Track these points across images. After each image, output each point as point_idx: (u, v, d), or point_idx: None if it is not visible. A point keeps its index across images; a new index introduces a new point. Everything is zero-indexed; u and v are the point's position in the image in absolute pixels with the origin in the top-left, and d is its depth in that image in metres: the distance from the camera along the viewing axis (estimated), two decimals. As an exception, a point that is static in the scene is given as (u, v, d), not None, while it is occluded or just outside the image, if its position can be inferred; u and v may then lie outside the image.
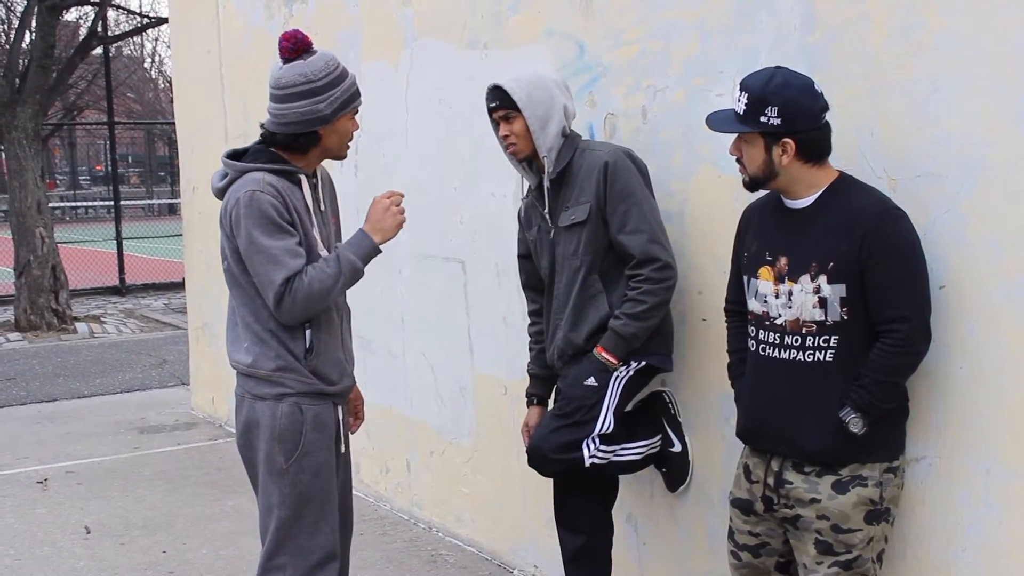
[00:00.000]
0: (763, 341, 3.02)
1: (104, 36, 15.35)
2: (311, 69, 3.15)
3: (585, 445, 3.57)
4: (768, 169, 2.92)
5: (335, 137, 3.25)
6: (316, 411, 3.27)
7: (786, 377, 2.96)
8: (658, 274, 3.53)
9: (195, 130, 8.09)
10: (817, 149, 2.91)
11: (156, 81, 38.16)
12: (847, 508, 2.88)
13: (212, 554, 5.21)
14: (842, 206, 2.88)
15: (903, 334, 2.81)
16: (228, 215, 3.19)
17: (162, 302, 15.62)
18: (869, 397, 2.83)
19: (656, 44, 3.83)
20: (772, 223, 3.04)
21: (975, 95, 2.83)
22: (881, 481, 2.90)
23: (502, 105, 3.62)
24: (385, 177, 5.52)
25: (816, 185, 2.93)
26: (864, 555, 2.90)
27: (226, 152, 3.30)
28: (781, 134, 2.86)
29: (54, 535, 5.55)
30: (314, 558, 3.28)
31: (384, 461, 5.80)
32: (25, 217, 12.64)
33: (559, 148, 3.63)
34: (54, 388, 9.46)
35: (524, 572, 4.79)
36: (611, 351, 3.57)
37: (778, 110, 2.84)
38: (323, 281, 3.15)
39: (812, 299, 2.88)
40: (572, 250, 3.65)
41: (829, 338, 2.88)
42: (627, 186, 3.57)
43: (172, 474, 6.63)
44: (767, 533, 3.09)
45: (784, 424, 2.97)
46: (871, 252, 2.80)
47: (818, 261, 2.87)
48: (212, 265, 7.72)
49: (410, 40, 5.25)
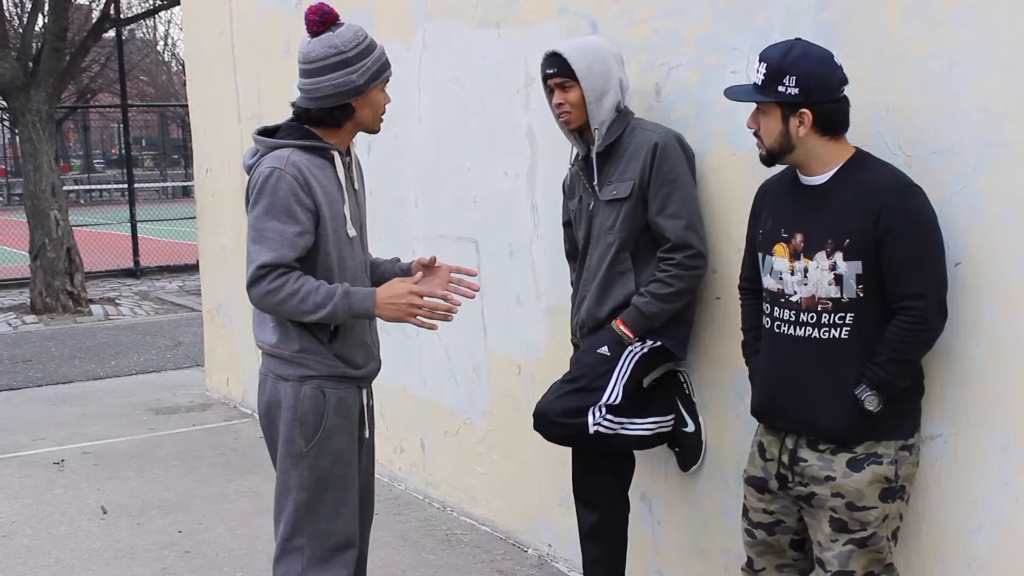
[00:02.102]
0: (778, 318, 3.01)
1: (117, 19, 15.38)
2: (341, 40, 3.11)
3: (591, 412, 3.57)
4: (785, 141, 2.91)
5: (368, 110, 3.21)
6: (340, 395, 3.24)
7: (801, 354, 2.95)
8: (690, 261, 3.53)
9: (208, 112, 8.09)
10: (834, 122, 2.90)
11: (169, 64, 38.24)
12: (862, 486, 2.88)
13: (228, 534, 5.24)
14: (859, 182, 2.87)
15: (919, 311, 2.80)
16: (249, 191, 3.18)
17: (176, 284, 15.68)
18: (885, 375, 2.82)
19: (669, 22, 3.81)
20: (788, 200, 3.03)
21: (991, 71, 2.81)
22: (896, 459, 2.90)
23: (560, 72, 3.59)
24: (398, 157, 5.52)
25: (832, 161, 2.92)
26: (879, 533, 2.89)
27: (257, 129, 3.28)
28: (799, 104, 2.85)
29: (71, 515, 5.58)
30: (332, 542, 3.27)
31: (398, 441, 5.82)
32: (40, 200, 12.68)
33: (611, 122, 3.62)
34: (70, 370, 9.51)
35: (538, 551, 4.80)
36: (629, 325, 3.58)
37: (796, 80, 2.84)
38: (304, 301, 3.07)
39: (828, 276, 2.87)
40: (609, 225, 3.65)
41: (845, 315, 2.87)
42: (673, 169, 3.56)
43: (187, 455, 6.66)
44: (781, 511, 3.08)
45: (799, 402, 2.96)
46: (888, 229, 2.78)
47: (834, 238, 2.85)
48: (226, 247, 7.75)
49: (422, 20, 5.24)
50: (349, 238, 3.24)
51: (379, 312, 3.13)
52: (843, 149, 2.93)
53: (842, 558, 2.90)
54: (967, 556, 2.98)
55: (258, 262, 3.07)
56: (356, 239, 3.29)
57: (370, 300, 3.13)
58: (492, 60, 4.72)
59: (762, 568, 3.19)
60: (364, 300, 3.12)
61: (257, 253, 3.08)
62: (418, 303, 3.14)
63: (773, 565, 3.17)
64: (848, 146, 2.95)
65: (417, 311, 3.14)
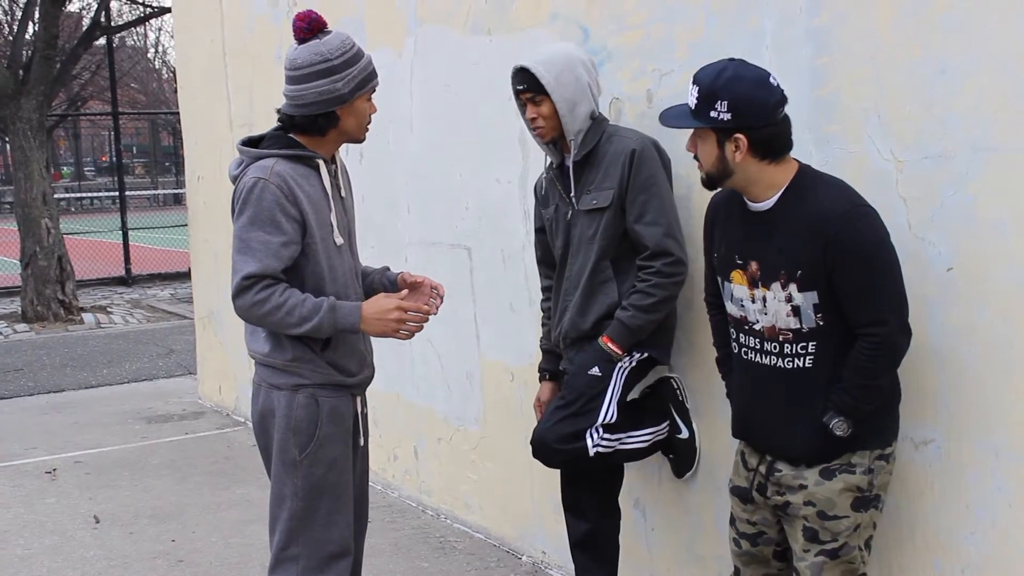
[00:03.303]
0: (745, 345, 2.98)
1: (107, 26, 15.36)
2: (327, 48, 3.11)
3: (588, 435, 3.56)
4: (722, 166, 2.82)
5: (353, 119, 3.20)
6: (333, 403, 3.23)
7: (770, 383, 2.92)
8: (669, 268, 3.52)
9: (199, 120, 8.08)
10: (773, 146, 2.80)
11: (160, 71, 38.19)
12: (833, 495, 2.85)
13: (221, 542, 5.23)
14: (803, 208, 2.78)
15: (880, 338, 2.74)
16: (234, 201, 3.18)
17: (168, 292, 15.63)
18: (852, 401, 2.78)
19: (661, 28, 3.81)
20: (738, 224, 2.95)
21: (982, 75, 2.82)
22: (872, 468, 2.86)
23: (529, 87, 3.58)
24: (390, 164, 5.52)
25: (775, 184, 2.83)
26: (851, 543, 2.87)
27: (241, 139, 3.27)
28: (732, 129, 2.77)
29: (63, 525, 5.56)
30: (327, 550, 3.26)
31: (392, 448, 5.81)
32: (31, 208, 12.65)
33: (586, 131, 3.60)
34: (62, 379, 9.48)
35: (532, 558, 4.79)
36: (616, 341, 3.56)
37: (728, 104, 2.74)
38: (290, 314, 3.06)
39: (785, 307, 2.82)
40: (590, 234, 3.63)
41: (807, 345, 2.83)
42: (651, 176, 3.55)
43: (180, 463, 6.64)
44: (763, 522, 3.07)
45: (773, 429, 2.94)
46: (836, 257, 2.72)
47: (786, 269, 2.79)
48: (218, 254, 7.73)
49: (414, 27, 5.24)
50: (337, 246, 3.23)
51: (364, 327, 3.14)
52: (785, 170, 2.84)
53: (815, 569, 2.89)
54: (961, 560, 2.98)
55: (243, 272, 3.06)
56: (345, 246, 3.28)
57: (355, 315, 3.13)
58: (484, 66, 4.72)
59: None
60: (350, 315, 3.13)
61: (242, 264, 3.07)
62: (404, 319, 3.15)
63: (759, 574, 3.15)
64: (791, 165, 2.85)
65: (402, 326, 3.15)
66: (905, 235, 3.01)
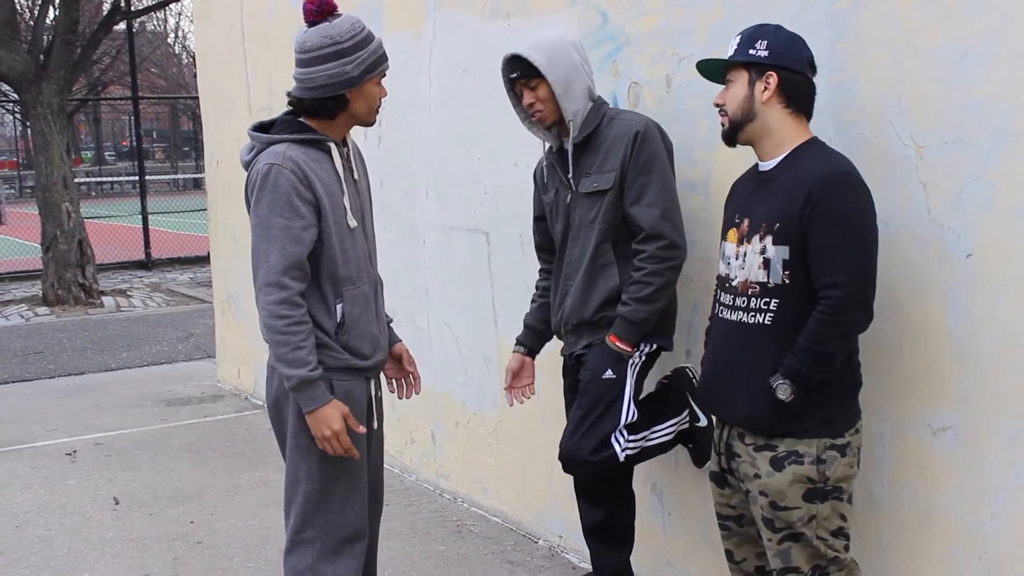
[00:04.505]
0: (721, 303, 3.03)
1: (127, 11, 15.40)
2: (337, 31, 3.10)
3: (615, 440, 3.54)
4: (748, 107, 2.92)
5: (363, 102, 3.19)
6: (347, 387, 3.23)
7: (731, 340, 2.96)
8: (663, 252, 3.48)
9: (219, 104, 8.10)
10: (798, 96, 2.92)
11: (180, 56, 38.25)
12: (783, 486, 2.86)
13: (240, 524, 5.26)
14: (797, 168, 2.87)
15: (834, 301, 2.76)
16: (248, 189, 3.19)
17: (187, 276, 15.72)
18: (798, 364, 2.80)
19: (680, 12, 3.80)
20: (746, 188, 3.06)
21: (1004, 60, 2.80)
22: (823, 458, 2.85)
23: (524, 74, 3.57)
24: (408, 149, 5.52)
25: (786, 141, 2.92)
26: (807, 533, 2.87)
27: (253, 125, 3.28)
28: (766, 67, 2.88)
29: (83, 506, 5.61)
30: (342, 534, 3.27)
31: (409, 432, 5.83)
32: (51, 192, 12.72)
33: (585, 112, 3.59)
34: (82, 361, 9.54)
35: (549, 542, 4.80)
36: (623, 339, 3.54)
37: (767, 44, 2.91)
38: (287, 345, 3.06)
39: (758, 260, 2.87)
40: (591, 218, 3.61)
41: (770, 301, 2.86)
42: (651, 159, 3.52)
43: (199, 446, 6.68)
44: (741, 505, 3.09)
45: (726, 387, 2.98)
46: (812, 216, 2.77)
47: (768, 222, 2.86)
48: (237, 239, 7.76)
49: (432, 11, 5.23)
50: (350, 229, 3.22)
51: (309, 417, 3.12)
52: (800, 132, 2.94)
53: (783, 556, 2.91)
54: (978, 547, 2.97)
55: (271, 260, 3.06)
56: (358, 229, 3.27)
57: (314, 404, 3.10)
58: (502, 51, 4.70)
59: (743, 559, 3.19)
60: (312, 399, 3.10)
61: (266, 253, 3.08)
62: (332, 442, 3.12)
63: (753, 554, 3.16)
64: (807, 132, 2.95)
65: (327, 445, 3.14)
66: (924, 221, 2.99)
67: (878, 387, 3.16)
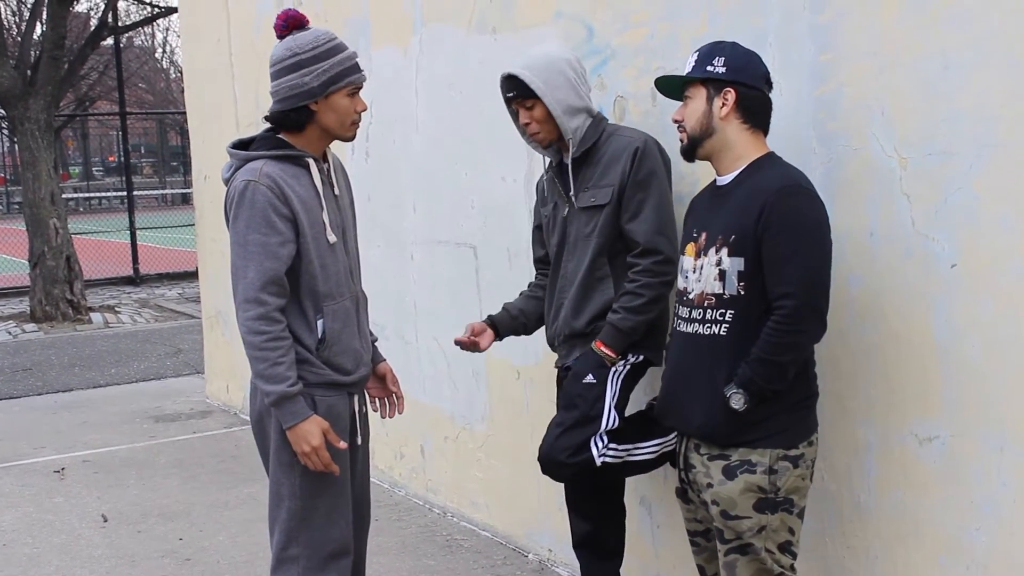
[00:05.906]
0: (679, 316, 3.06)
1: (115, 26, 15.41)
2: (298, 43, 3.11)
3: (593, 443, 3.52)
4: (707, 123, 2.95)
5: (332, 115, 3.16)
6: (330, 402, 3.22)
7: (688, 351, 2.99)
8: (657, 267, 3.49)
9: (206, 119, 8.10)
10: (755, 112, 2.96)
11: (167, 71, 38.23)
12: (734, 494, 2.88)
13: (228, 541, 5.24)
14: (753, 181, 2.90)
15: (787, 311, 2.79)
16: (227, 205, 3.20)
17: (176, 291, 15.68)
18: (751, 373, 2.82)
19: (665, 26, 3.82)
20: (704, 203, 3.10)
21: (986, 71, 2.81)
22: (775, 468, 2.87)
23: (520, 94, 3.57)
24: (396, 163, 5.53)
25: (743, 156, 2.96)
26: (756, 544, 2.88)
27: (232, 142, 3.29)
28: (724, 83, 2.92)
29: (71, 523, 5.58)
30: (327, 550, 3.25)
31: (398, 447, 5.82)
32: (39, 208, 12.69)
33: (584, 129, 3.60)
34: (70, 378, 9.51)
35: (539, 556, 4.80)
36: (609, 345, 3.54)
37: (724, 60, 2.94)
38: (266, 361, 3.07)
39: (714, 271, 2.90)
40: (588, 232, 3.62)
41: (725, 312, 2.88)
42: (650, 176, 3.54)
43: (188, 462, 6.66)
44: (706, 519, 3.09)
45: (681, 399, 3.00)
46: (766, 227, 2.81)
47: (723, 234, 2.89)
48: (225, 254, 7.72)
49: (419, 26, 5.25)
50: (330, 244, 3.21)
51: (289, 432, 3.12)
52: (757, 146, 2.98)
53: (729, 568, 2.92)
54: (965, 557, 2.98)
55: (249, 277, 3.07)
56: (339, 245, 3.25)
57: (293, 419, 3.11)
58: (488, 65, 4.73)
59: (714, 573, 3.19)
60: (291, 415, 3.10)
61: (244, 269, 3.09)
62: (312, 457, 3.12)
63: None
64: (763, 147, 2.99)
65: (307, 460, 3.14)
66: (909, 232, 3.01)
67: (864, 398, 3.17)
